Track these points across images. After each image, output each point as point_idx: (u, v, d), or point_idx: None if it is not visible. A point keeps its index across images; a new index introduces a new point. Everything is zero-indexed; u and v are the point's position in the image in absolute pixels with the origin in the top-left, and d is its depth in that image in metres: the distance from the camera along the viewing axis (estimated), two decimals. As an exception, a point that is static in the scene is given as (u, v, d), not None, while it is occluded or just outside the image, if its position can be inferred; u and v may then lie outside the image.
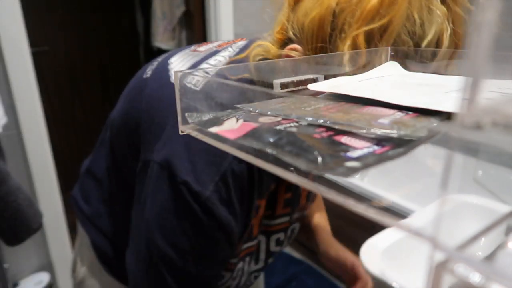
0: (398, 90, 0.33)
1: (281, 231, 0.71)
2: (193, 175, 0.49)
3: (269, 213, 0.67)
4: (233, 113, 0.29)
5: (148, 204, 0.54)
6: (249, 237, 0.64)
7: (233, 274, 0.65)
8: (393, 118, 0.25)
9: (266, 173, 0.58)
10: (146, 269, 0.55)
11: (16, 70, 1.37)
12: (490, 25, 0.13)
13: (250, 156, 0.24)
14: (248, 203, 0.55)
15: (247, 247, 0.65)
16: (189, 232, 0.52)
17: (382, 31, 0.42)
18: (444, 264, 0.17)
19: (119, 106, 0.63)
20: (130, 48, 2.77)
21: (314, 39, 0.45)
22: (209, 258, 0.56)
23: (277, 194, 0.65)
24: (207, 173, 0.49)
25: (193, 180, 0.49)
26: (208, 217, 0.51)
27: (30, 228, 0.99)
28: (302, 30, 0.46)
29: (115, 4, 2.62)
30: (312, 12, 0.44)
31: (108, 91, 2.69)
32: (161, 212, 0.52)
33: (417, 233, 0.17)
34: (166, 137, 0.52)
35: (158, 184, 0.52)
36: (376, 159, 0.21)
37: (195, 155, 0.50)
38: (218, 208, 0.50)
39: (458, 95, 0.29)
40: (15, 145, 1.44)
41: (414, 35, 0.42)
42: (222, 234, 0.53)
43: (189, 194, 0.49)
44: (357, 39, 0.42)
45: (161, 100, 0.54)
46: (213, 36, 1.80)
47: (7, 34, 1.33)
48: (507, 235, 0.21)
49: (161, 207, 0.52)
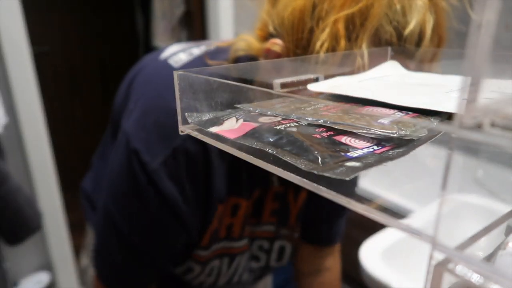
0: (398, 90, 0.33)
1: (265, 239, 0.71)
2: (145, 145, 0.50)
3: (255, 221, 0.67)
4: (233, 113, 0.29)
5: (109, 165, 0.56)
6: (229, 236, 0.63)
7: (204, 269, 0.64)
8: (393, 118, 0.25)
9: (248, 174, 0.59)
10: (99, 235, 0.58)
11: (16, 70, 1.37)
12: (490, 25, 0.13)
13: (250, 156, 0.24)
14: (204, 187, 0.55)
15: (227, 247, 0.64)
16: (134, 200, 0.53)
17: (363, 19, 0.41)
18: (443, 264, 0.17)
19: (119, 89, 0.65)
20: (130, 48, 2.76)
21: (294, 31, 0.44)
22: (156, 235, 0.56)
23: (264, 202, 0.65)
24: (159, 146, 0.50)
25: (144, 150, 0.50)
26: (152, 189, 0.51)
27: (30, 228, 0.99)
28: (282, 23, 0.46)
29: (115, 4, 2.62)
30: (292, 4, 0.44)
31: (108, 91, 2.69)
32: (113, 174, 0.54)
33: (417, 233, 0.17)
34: (132, 105, 0.54)
35: (118, 149, 0.54)
36: (376, 159, 0.21)
37: (151, 126, 0.51)
38: (164, 183, 0.51)
39: (458, 95, 0.29)
40: (15, 145, 1.44)
41: (397, 24, 0.41)
42: (167, 211, 0.53)
43: (137, 163, 0.50)
44: (336, 24, 0.41)
45: (143, 71, 0.57)
46: (213, 36, 1.80)
47: (7, 34, 1.33)
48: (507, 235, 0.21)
49: (114, 170, 0.54)
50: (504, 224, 0.20)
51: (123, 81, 0.64)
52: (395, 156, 0.22)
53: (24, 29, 1.37)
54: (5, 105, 1.32)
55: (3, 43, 1.33)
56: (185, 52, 0.58)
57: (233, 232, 0.63)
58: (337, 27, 0.41)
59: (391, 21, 0.41)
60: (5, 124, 1.19)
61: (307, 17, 0.43)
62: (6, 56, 1.35)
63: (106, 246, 0.58)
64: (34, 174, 1.50)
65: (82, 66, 2.57)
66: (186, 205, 0.54)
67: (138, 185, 0.51)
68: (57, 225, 1.62)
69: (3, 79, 1.37)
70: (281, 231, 0.71)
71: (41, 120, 1.48)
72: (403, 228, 0.18)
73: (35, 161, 1.49)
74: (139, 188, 0.51)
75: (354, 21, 0.41)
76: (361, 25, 0.41)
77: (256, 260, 0.73)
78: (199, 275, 0.65)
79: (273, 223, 0.69)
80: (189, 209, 0.54)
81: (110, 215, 0.55)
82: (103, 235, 0.58)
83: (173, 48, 0.60)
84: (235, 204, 0.60)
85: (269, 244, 0.72)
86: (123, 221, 0.54)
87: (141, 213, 0.54)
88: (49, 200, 1.56)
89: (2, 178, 0.90)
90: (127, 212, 0.54)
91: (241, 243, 0.66)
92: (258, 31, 0.50)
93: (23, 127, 1.43)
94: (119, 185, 0.54)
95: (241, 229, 0.64)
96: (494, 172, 0.28)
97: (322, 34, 0.41)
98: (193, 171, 0.52)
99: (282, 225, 0.70)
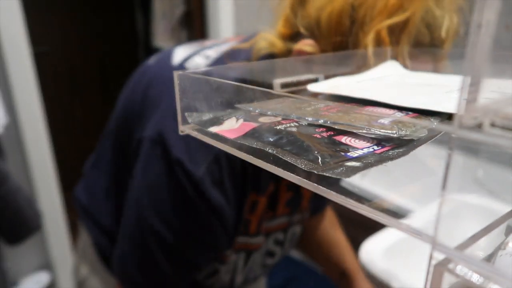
0: (398, 91, 0.33)
1: (280, 231, 0.71)
2: (187, 153, 0.49)
3: (271, 215, 0.67)
4: (233, 113, 0.29)
5: (139, 179, 0.53)
6: (246, 232, 0.63)
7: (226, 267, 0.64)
8: (393, 118, 0.25)
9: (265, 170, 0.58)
10: (134, 246, 0.55)
11: (16, 70, 1.37)
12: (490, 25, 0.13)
13: (250, 156, 0.24)
14: (241, 189, 0.55)
15: (244, 243, 0.64)
16: (180, 209, 0.52)
17: (403, 24, 0.42)
18: (444, 264, 0.17)
19: (122, 96, 0.64)
20: (130, 48, 2.76)
21: (332, 33, 0.45)
22: (202, 241, 0.55)
23: (279, 194, 0.65)
24: (201, 152, 0.49)
25: (187, 158, 0.49)
26: (199, 197, 0.50)
27: (30, 228, 0.99)
28: (317, 24, 0.46)
29: (115, 4, 2.62)
30: (328, 6, 0.44)
31: (108, 91, 2.69)
32: (153, 187, 0.52)
33: (417, 233, 0.17)
34: (160, 114, 0.52)
35: (151, 159, 0.52)
36: (376, 159, 0.21)
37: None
38: (210, 190, 0.50)
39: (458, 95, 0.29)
40: (15, 145, 1.44)
41: (430, 26, 0.43)
42: (214, 218, 0.53)
43: (182, 172, 0.49)
44: (381, 32, 0.42)
45: (158, 80, 0.55)
46: (212, 36, 1.80)
47: (7, 34, 1.33)
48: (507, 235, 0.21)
49: (153, 183, 0.52)
50: (504, 224, 0.20)
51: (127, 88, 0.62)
52: (395, 156, 0.22)
53: (24, 29, 1.37)
54: (5, 105, 1.32)
55: (3, 43, 1.33)
56: (199, 55, 0.57)
57: (250, 228, 0.63)
58: (382, 34, 0.42)
59: (426, 24, 0.43)
60: (5, 124, 1.19)
61: (346, 19, 0.44)
62: (6, 56, 1.35)
63: (149, 262, 0.56)
64: (34, 174, 1.50)
65: (82, 66, 2.57)
66: (229, 208, 0.53)
67: (184, 194, 0.50)
68: (57, 225, 1.62)
69: (3, 79, 1.37)
70: (294, 218, 0.71)
71: (41, 120, 1.48)
72: (403, 228, 0.18)
73: (35, 161, 1.49)
74: (185, 197, 0.50)
75: (396, 27, 0.43)
76: (401, 30, 0.43)
77: (271, 256, 0.73)
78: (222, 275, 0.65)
79: (287, 214, 0.69)
80: (231, 213, 0.54)
81: (152, 228, 0.53)
82: (143, 250, 0.55)
83: (180, 51, 0.59)
84: (254, 201, 0.60)
85: (283, 234, 0.72)
86: (169, 233, 0.53)
87: (189, 222, 0.53)
88: (49, 200, 1.56)
89: (2, 178, 0.90)
90: (174, 223, 0.52)
91: (257, 240, 0.66)
92: (283, 29, 0.50)
93: (23, 127, 1.43)
94: (162, 197, 0.52)
95: (258, 225, 0.64)
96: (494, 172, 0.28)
97: (366, 39, 0.43)
98: (233, 174, 0.52)
99: (295, 212, 0.70)
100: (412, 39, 0.43)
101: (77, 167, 0.79)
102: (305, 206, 0.72)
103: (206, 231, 0.55)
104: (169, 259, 0.55)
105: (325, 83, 0.36)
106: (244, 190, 0.56)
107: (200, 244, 0.56)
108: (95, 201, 0.69)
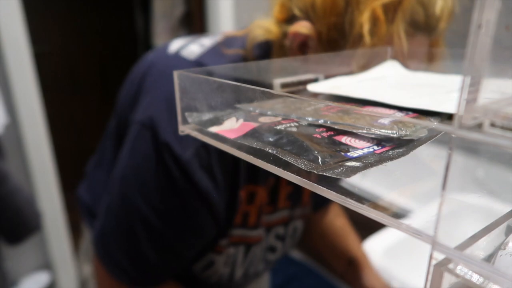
0: (398, 91, 0.33)
1: (281, 225, 0.71)
2: (176, 138, 0.49)
3: (271, 208, 0.67)
4: (233, 113, 0.29)
5: (126, 159, 0.53)
6: (244, 224, 0.63)
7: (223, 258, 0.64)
8: (393, 118, 0.25)
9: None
10: (117, 223, 0.55)
11: (16, 70, 1.37)
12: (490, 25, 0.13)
13: (250, 156, 0.24)
14: (232, 176, 0.55)
15: (242, 235, 0.64)
16: (166, 192, 0.52)
17: (398, 2, 0.43)
18: (444, 264, 0.17)
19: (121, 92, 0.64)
20: (130, 48, 2.76)
21: (328, 13, 0.45)
22: (188, 227, 0.55)
23: (279, 187, 0.65)
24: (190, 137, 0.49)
25: (176, 142, 0.49)
26: (186, 180, 0.50)
27: (29, 228, 0.99)
28: (312, 5, 0.46)
29: (115, 4, 2.61)
30: None
31: (108, 91, 2.68)
32: (140, 169, 0.52)
33: (417, 233, 0.17)
34: (152, 99, 0.52)
35: (139, 141, 0.52)
36: (376, 159, 0.21)
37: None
38: (197, 174, 0.50)
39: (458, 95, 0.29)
40: (15, 145, 1.44)
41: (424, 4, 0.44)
42: (201, 203, 0.53)
43: (169, 156, 0.49)
44: (376, 10, 0.43)
45: (154, 68, 0.56)
46: (213, 36, 1.80)
47: (7, 34, 1.33)
48: (507, 235, 0.21)
49: (139, 165, 0.52)
50: (504, 224, 0.20)
51: (126, 82, 0.63)
52: (395, 156, 0.22)
53: (24, 29, 1.37)
54: (5, 105, 1.32)
55: (3, 43, 1.33)
56: (195, 43, 0.57)
57: (249, 221, 0.63)
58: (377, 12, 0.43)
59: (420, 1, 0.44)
60: (5, 124, 1.19)
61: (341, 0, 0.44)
62: (6, 56, 1.35)
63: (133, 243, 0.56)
64: (34, 174, 1.50)
65: (82, 66, 2.57)
66: (218, 194, 0.53)
67: (171, 179, 0.50)
68: (57, 225, 1.62)
69: (3, 79, 1.37)
70: (295, 213, 0.71)
71: (41, 120, 1.47)
72: (403, 228, 0.18)
73: (35, 161, 1.49)
74: (173, 181, 0.50)
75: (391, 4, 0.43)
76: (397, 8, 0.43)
77: (272, 251, 0.73)
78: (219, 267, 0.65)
79: (287, 208, 0.69)
80: (221, 200, 0.54)
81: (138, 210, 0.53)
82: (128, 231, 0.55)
83: (178, 42, 0.59)
84: (251, 192, 0.59)
85: (284, 229, 0.72)
86: (155, 216, 0.53)
87: (176, 206, 0.53)
88: (49, 200, 1.56)
89: (2, 178, 0.90)
90: (160, 207, 0.53)
91: (256, 233, 0.66)
92: (278, 14, 0.50)
93: (23, 127, 1.43)
94: (149, 180, 0.52)
95: (257, 218, 0.64)
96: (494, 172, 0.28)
97: (361, 17, 0.43)
98: (223, 160, 0.52)
99: (296, 206, 0.70)
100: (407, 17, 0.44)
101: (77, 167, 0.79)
102: (306, 201, 0.72)
103: (192, 216, 0.54)
104: (152, 240, 0.54)
105: (325, 83, 0.36)
106: (237, 178, 0.55)
107: (185, 229, 0.56)
108: (99, 201, 0.69)
